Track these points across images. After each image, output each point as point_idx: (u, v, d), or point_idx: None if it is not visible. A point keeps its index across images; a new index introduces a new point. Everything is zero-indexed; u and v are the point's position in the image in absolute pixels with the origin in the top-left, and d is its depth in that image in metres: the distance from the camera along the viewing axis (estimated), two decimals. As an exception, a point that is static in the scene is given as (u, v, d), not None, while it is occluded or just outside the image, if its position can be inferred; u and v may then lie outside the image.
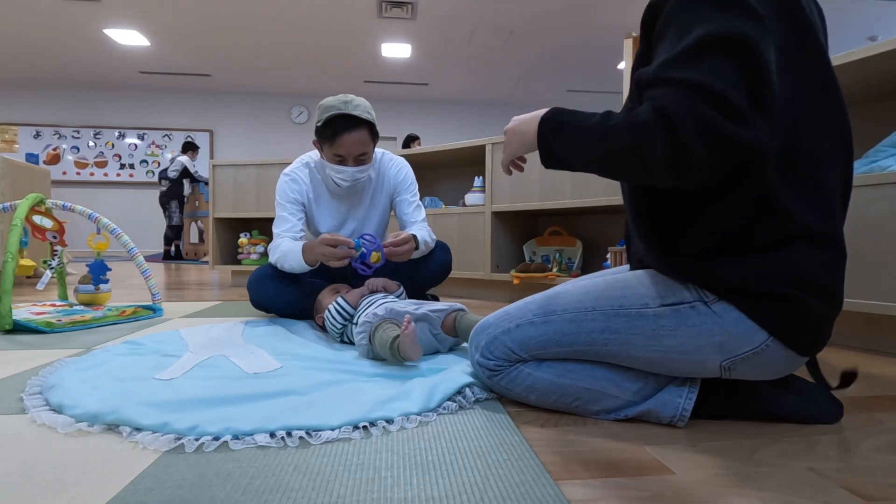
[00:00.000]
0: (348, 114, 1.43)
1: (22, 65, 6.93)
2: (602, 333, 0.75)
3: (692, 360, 0.71)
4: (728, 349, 0.69)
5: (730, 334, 0.68)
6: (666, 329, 0.71)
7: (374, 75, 7.33)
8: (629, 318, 0.73)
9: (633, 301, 0.74)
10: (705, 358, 0.70)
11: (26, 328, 1.43)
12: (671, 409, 0.75)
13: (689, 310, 0.70)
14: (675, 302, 0.71)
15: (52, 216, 1.77)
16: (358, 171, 1.52)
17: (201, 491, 0.55)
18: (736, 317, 0.68)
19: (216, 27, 5.73)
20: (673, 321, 0.71)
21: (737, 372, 0.72)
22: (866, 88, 1.50)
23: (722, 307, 0.68)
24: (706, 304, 0.69)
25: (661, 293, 0.72)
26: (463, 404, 0.83)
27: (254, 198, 2.94)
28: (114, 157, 8.04)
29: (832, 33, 6.64)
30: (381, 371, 1.01)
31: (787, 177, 0.65)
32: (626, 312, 0.74)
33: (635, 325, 0.73)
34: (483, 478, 0.58)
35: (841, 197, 0.72)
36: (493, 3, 5.06)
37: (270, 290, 1.60)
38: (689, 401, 0.75)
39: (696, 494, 0.56)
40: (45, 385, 0.89)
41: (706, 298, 0.69)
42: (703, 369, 0.73)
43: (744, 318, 0.67)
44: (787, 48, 0.65)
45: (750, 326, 0.67)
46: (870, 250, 1.24)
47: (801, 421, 0.78)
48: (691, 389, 0.76)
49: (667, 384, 0.77)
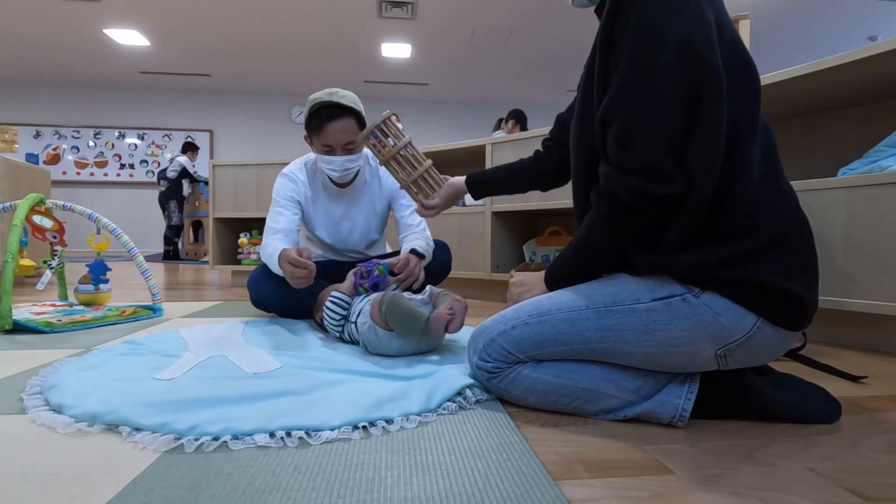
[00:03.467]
0: (334, 102, 1.44)
1: (22, 64, 6.92)
2: (596, 332, 0.76)
3: (687, 351, 0.72)
4: (721, 337, 0.71)
5: (721, 323, 0.70)
6: (658, 323, 0.72)
7: (374, 75, 7.32)
8: (622, 315, 0.74)
9: (625, 297, 0.75)
10: (700, 349, 0.72)
11: (26, 328, 1.42)
12: (670, 409, 0.75)
13: (679, 302, 0.72)
14: (665, 296, 0.72)
15: (52, 216, 1.77)
16: (347, 161, 1.51)
17: (201, 491, 0.55)
18: (724, 304, 0.70)
19: (216, 27, 5.73)
20: (665, 315, 0.72)
21: (733, 359, 0.73)
22: (866, 88, 1.50)
23: (709, 297, 0.70)
24: (694, 295, 0.71)
25: (651, 288, 0.74)
26: (463, 405, 0.83)
27: (254, 198, 2.94)
28: (114, 157, 8.03)
29: (832, 33, 6.62)
30: (382, 371, 1.01)
31: (735, 175, 0.70)
32: (618, 309, 0.75)
33: (628, 321, 0.74)
34: (483, 478, 0.58)
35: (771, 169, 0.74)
36: (493, 3, 5.06)
37: (270, 288, 1.59)
38: (689, 401, 0.75)
39: (696, 494, 0.56)
40: (45, 385, 0.89)
41: (693, 291, 0.71)
42: (700, 360, 0.73)
43: (731, 305, 0.69)
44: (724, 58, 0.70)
45: (738, 312, 0.69)
46: (870, 250, 1.24)
47: (800, 421, 0.78)
48: (690, 389, 0.76)
49: (666, 384, 0.77)
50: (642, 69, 0.68)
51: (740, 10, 5.22)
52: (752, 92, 0.73)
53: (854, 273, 1.27)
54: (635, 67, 0.68)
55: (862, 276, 1.26)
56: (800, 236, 0.73)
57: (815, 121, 1.76)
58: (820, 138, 1.75)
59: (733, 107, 0.69)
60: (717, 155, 0.68)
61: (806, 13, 5.50)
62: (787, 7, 5.36)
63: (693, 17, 0.67)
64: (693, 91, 0.67)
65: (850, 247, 1.28)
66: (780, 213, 0.71)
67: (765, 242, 0.69)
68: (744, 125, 0.71)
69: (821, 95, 1.57)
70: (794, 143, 1.81)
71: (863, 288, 1.25)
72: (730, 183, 0.70)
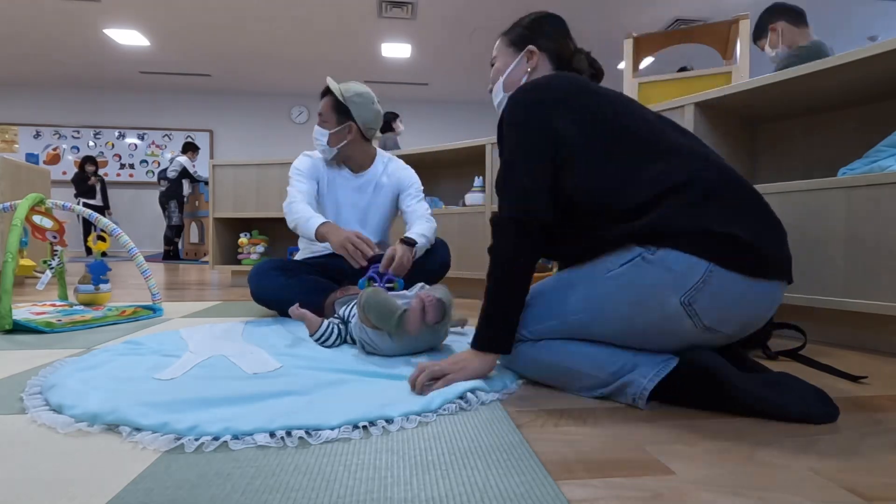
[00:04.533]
0: (327, 84, 1.71)
1: (22, 65, 6.93)
2: (580, 302, 0.88)
3: (656, 307, 0.81)
4: (679, 286, 0.79)
5: (676, 272, 0.79)
6: (626, 285, 0.83)
7: (374, 75, 7.32)
8: (598, 283, 0.87)
9: (599, 269, 0.87)
10: (665, 300, 0.80)
11: (26, 328, 1.42)
12: (634, 388, 0.83)
13: (640, 261, 0.82)
14: (628, 260, 0.83)
15: (52, 216, 1.77)
16: (319, 133, 1.70)
17: (201, 491, 0.55)
18: (675, 256, 0.79)
19: (216, 27, 5.73)
20: (630, 275, 0.83)
21: (701, 308, 0.79)
22: (866, 88, 1.50)
23: (664, 252, 0.80)
24: (651, 253, 0.81)
25: (619, 256, 0.85)
26: (464, 406, 0.82)
27: (254, 198, 2.94)
28: (114, 157, 8.04)
29: (832, 33, 6.62)
30: (382, 371, 1.01)
31: (643, 154, 0.87)
32: (594, 280, 0.87)
33: (603, 287, 0.86)
34: (483, 478, 0.58)
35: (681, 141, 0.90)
36: (493, 3, 5.06)
37: (272, 284, 1.62)
38: (651, 382, 0.82)
39: (696, 494, 0.56)
40: (45, 385, 0.89)
41: (650, 249, 0.81)
42: (670, 315, 0.81)
43: (682, 255, 0.79)
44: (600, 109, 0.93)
45: (689, 259, 0.78)
46: (870, 250, 1.24)
47: (782, 419, 0.78)
48: (657, 373, 0.82)
49: (640, 366, 0.85)
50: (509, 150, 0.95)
51: (740, 10, 5.23)
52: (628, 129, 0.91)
53: (854, 273, 1.27)
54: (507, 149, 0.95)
55: (862, 276, 1.26)
56: (732, 189, 0.84)
57: (815, 121, 1.76)
58: (820, 138, 1.75)
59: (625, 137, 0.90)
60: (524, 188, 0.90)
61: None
62: (787, 7, 5.36)
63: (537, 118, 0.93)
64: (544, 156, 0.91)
65: (850, 247, 1.28)
66: (708, 174, 0.84)
67: (697, 196, 0.80)
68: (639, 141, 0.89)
69: (821, 95, 1.57)
70: (794, 143, 1.81)
71: (863, 288, 1.25)
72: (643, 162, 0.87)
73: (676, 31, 2.88)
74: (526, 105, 0.94)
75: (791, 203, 1.39)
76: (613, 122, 0.91)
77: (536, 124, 0.92)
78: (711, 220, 0.79)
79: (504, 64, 1.12)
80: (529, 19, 1.12)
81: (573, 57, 1.09)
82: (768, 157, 1.88)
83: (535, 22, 1.11)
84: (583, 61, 1.09)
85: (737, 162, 1.80)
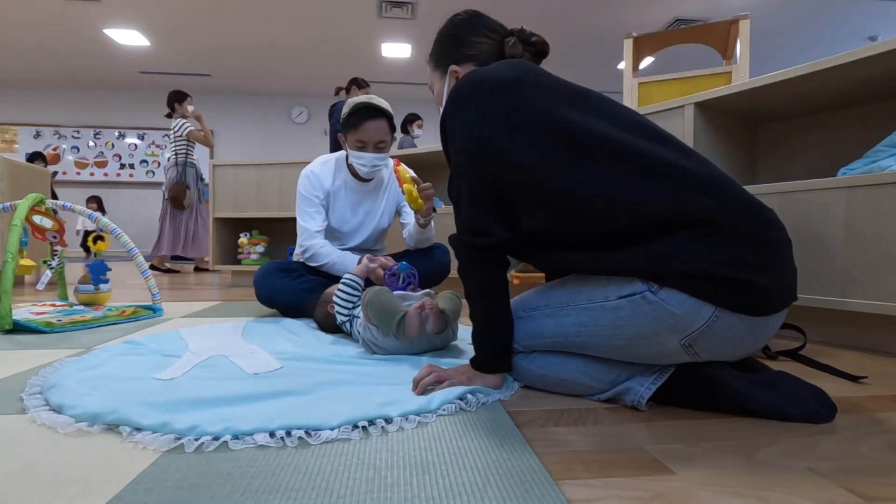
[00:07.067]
0: (373, 105, 1.60)
1: (22, 65, 6.92)
2: (574, 326, 0.84)
3: (654, 342, 0.77)
4: (682, 329, 0.74)
5: (678, 316, 0.74)
6: (624, 319, 0.78)
7: (374, 75, 7.32)
8: (594, 312, 0.81)
9: (597, 295, 0.81)
10: (664, 339, 0.76)
11: (26, 328, 1.42)
12: (632, 395, 0.83)
13: (640, 299, 0.76)
14: (628, 294, 0.77)
15: (52, 216, 1.77)
16: (377, 158, 1.64)
17: (201, 491, 0.55)
18: (680, 298, 0.73)
19: (216, 27, 5.73)
20: (629, 311, 0.77)
21: (701, 348, 0.76)
22: (866, 88, 1.50)
23: (667, 293, 0.74)
24: (653, 292, 0.75)
25: (618, 287, 0.79)
26: (464, 407, 0.82)
27: (254, 198, 2.94)
28: (114, 157, 8.03)
29: (832, 33, 6.63)
30: (382, 372, 1.01)
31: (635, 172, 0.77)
32: (592, 307, 0.81)
33: (600, 317, 0.80)
34: (483, 478, 0.58)
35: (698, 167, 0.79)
36: (493, 3, 5.06)
37: (278, 285, 1.65)
38: (649, 390, 0.81)
39: (696, 494, 0.56)
40: (45, 385, 0.89)
41: (652, 288, 0.75)
42: (668, 351, 0.78)
43: (687, 298, 0.73)
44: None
45: (695, 304, 0.73)
46: (870, 250, 1.24)
47: (778, 419, 0.78)
48: (654, 381, 0.82)
49: (637, 375, 0.84)
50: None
51: (740, 10, 5.23)
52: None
53: (854, 273, 1.27)
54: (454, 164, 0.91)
55: (862, 277, 1.26)
56: (745, 221, 0.74)
57: (815, 121, 1.76)
58: (820, 138, 1.75)
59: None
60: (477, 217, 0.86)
61: (806, 13, 5.50)
62: (787, 7, 5.36)
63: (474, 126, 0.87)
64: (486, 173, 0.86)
65: (850, 247, 1.28)
66: (723, 199, 0.74)
67: (709, 231, 0.72)
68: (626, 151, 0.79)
69: (821, 95, 1.57)
70: (794, 143, 1.81)
71: (863, 288, 1.25)
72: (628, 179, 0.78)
73: (676, 31, 2.88)
74: (458, 122, 0.89)
75: (791, 203, 1.39)
76: (557, 120, 0.81)
77: (473, 144, 0.86)
78: (722, 261, 0.71)
79: (438, 89, 1.07)
80: (444, 35, 1.06)
81: (504, 46, 1.01)
82: (768, 157, 1.88)
83: (448, 37, 1.05)
84: (516, 46, 0.99)
85: (737, 162, 1.80)
